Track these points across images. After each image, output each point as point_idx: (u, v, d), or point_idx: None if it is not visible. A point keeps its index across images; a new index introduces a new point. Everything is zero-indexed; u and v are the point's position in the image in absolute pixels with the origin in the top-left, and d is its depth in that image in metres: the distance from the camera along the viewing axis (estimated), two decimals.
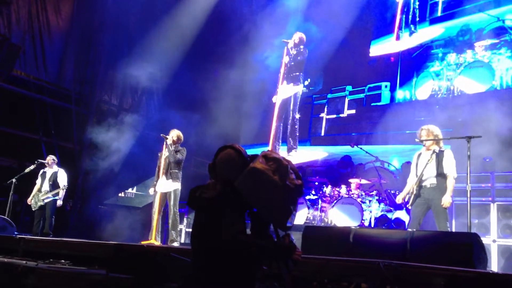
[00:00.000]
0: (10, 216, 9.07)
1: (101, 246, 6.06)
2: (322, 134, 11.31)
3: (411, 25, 10.36)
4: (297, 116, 8.84)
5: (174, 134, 7.70)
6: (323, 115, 11.40)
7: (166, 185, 7.53)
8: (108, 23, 12.99)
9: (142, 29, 12.91)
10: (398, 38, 10.63)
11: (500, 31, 9.03)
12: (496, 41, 9.02)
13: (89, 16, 12.89)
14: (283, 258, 2.74)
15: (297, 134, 8.86)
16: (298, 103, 8.76)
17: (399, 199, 6.22)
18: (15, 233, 8.51)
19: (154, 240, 7.63)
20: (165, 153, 7.66)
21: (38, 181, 9.31)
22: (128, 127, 12.05)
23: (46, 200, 9.07)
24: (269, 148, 9.00)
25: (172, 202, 7.46)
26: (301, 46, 8.54)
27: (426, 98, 9.80)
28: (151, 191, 7.79)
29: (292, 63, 8.50)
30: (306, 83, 10.91)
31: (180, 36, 12.38)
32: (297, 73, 8.63)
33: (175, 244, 7.27)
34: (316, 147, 11.14)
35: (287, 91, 8.65)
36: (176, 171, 7.58)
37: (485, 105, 8.06)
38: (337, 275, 4.04)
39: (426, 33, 10.22)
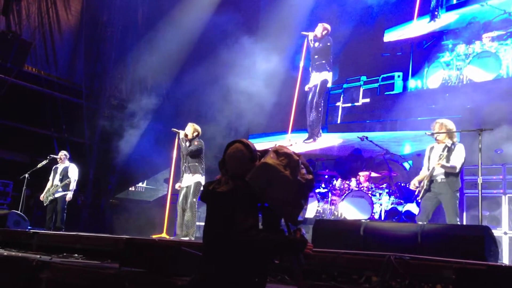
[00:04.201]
0: (23, 210, 9.17)
1: (113, 240, 6.13)
2: (338, 121, 11.62)
3: (434, 11, 10.46)
4: (322, 103, 8.82)
5: (189, 127, 7.59)
6: (339, 104, 11.66)
7: (187, 179, 7.48)
8: (117, 18, 13.05)
9: (150, 24, 12.94)
10: (418, 16, 10.71)
11: (506, 23, 9.36)
12: (502, 32, 9.33)
13: (98, 11, 12.95)
14: (294, 252, 2.77)
15: (320, 121, 8.85)
16: (324, 90, 8.74)
17: (412, 185, 6.15)
18: (29, 227, 8.62)
19: (165, 234, 7.68)
20: (182, 148, 7.59)
21: (51, 177, 9.39)
22: (138, 122, 12.11)
23: (56, 195, 9.10)
24: (288, 135, 9.04)
25: (191, 194, 7.34)
26: (328, 37, 8.53)
27: (437, 87, 10.05)
28: (177, 185, 7.70)
29: (319, 53, 8.51)
30: None
31: (188, 30, 12.38)
32: (323, 61, 8.63)
33: (187, 238, 7.28)
34: (333, 134, 11.45)
35: (315, 80, 8.61)
36: (195, 164, 7.44)
37: (493, 93, 8.28)
38: (348, 268, 4.07)
39: (442, 19, 10.39)
